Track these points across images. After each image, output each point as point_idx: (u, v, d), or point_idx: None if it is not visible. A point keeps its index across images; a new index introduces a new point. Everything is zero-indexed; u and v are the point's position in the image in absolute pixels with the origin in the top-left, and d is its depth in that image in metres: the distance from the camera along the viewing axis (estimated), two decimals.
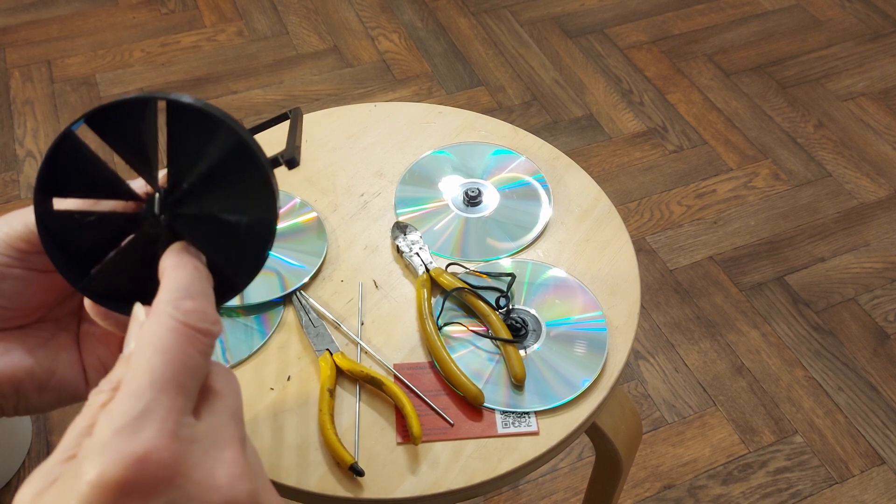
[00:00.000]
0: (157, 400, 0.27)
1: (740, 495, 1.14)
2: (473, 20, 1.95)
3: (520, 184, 0.75)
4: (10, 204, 1.51)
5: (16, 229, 0.35)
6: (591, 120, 1.70)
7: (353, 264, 0.68)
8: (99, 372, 0.39)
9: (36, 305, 0.37)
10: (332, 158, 0.77)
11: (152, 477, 0.26)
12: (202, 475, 0.27)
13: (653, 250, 1.45)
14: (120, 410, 0.27)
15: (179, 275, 0.32)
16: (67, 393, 0.38)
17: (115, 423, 0.27)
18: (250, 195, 0.34)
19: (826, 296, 1.38)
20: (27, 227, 0.35)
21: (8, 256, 0.35)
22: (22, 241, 0.35)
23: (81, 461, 0.26)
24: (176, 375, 0.28)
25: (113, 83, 1.76)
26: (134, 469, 0.26)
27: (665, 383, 1.26)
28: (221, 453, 0.28)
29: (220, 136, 0.33)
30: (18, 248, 0.35)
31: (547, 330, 0.64)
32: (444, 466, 0.56)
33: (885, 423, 1.22)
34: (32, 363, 0.37)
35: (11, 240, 0.35)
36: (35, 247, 0.35)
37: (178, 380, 0.28)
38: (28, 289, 0.36)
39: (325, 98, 1.74)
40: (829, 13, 1.98)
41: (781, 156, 1.63)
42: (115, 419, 0.27)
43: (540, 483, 1.15)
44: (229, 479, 0.28)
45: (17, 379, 0.36)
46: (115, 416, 0.27)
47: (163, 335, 0.29)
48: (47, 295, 0.38)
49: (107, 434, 0.26)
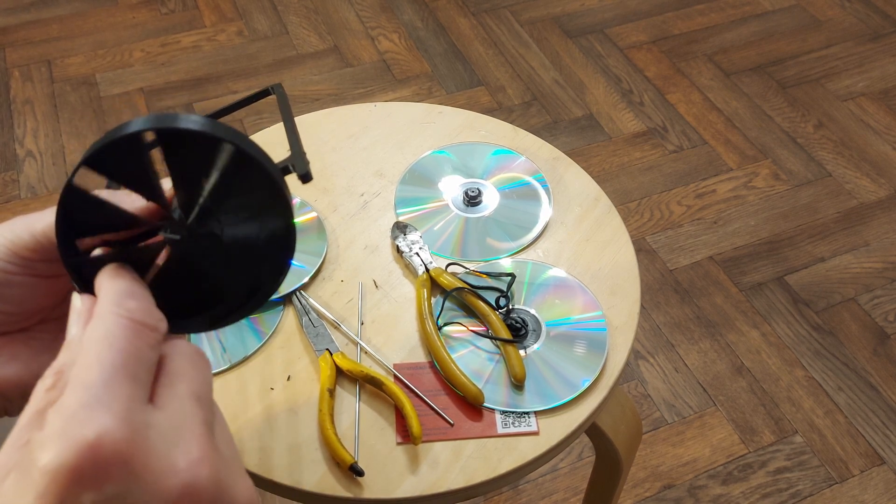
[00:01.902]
0: (107, 388, 0.27)
1: (740, 495, 1.14)
2: (473, 20, 1.95)
3: (520, 184, 0.75)
4: (10, 204, 1.51)
5: (21, 238, 0.35)
6: (591, 120, 1.70)
7: (353, 264, 0.68)
8: None
9: (39, 308, 0.38)
10: (332, 158, 0.77)
11: (105, 462, 0.26)
12: (159, 460, 0.27)
13: (653, 250, 1.45)
14: (71, 400, 0.27)
15: (118, 281, 0.32)
16: None
17: (65, 412, 0.27)
18: (264, 206, 0.34)
19: (826, 296, 1.38)
20: (33, 235, 0.35)
21: (13, 264, 0.35)
22: (27, 249, 0.35)
23: (33, 449, 0.26)
24: (125, 365, 0.28)
25: (113, 83, 1.76)
26: (86, 455, 0.26)
27: (665, 383, 1.26)
28: (181, 437, 0.28)
29: (221, 153, 0.33)
30: (24, 256, 0.35)
31: (547, 330, 0.64)
32: (444, 466, 0.56)
33: (885, 423, 1.22)
34: (39, 367, 0.37)
35: (17, 248, 0.35)
36: (40, 254, 0.35)
37: (128, 369, 0.28)
38: (33, 294, 0.37)
39: (325, 98, 1.74)
40: (829, 13, 1.98)
41: (781, 156, 1.63)
42: (66, 408, 0.27)
43: (540, 483, 1.15)
44: (188, 464, 0.28)
45: (24, 383, 0.37)
46: (66, 405, 0.27)
47: (110, 330, 0.29)
48: (50, 298, 0.38)
49: (58, 423, 0.26)
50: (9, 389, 0.36)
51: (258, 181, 0.33)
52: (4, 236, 0.35)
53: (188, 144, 0.32)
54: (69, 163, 1.59)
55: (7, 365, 0.36)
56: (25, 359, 0.37)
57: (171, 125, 0.31)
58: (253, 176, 0.33)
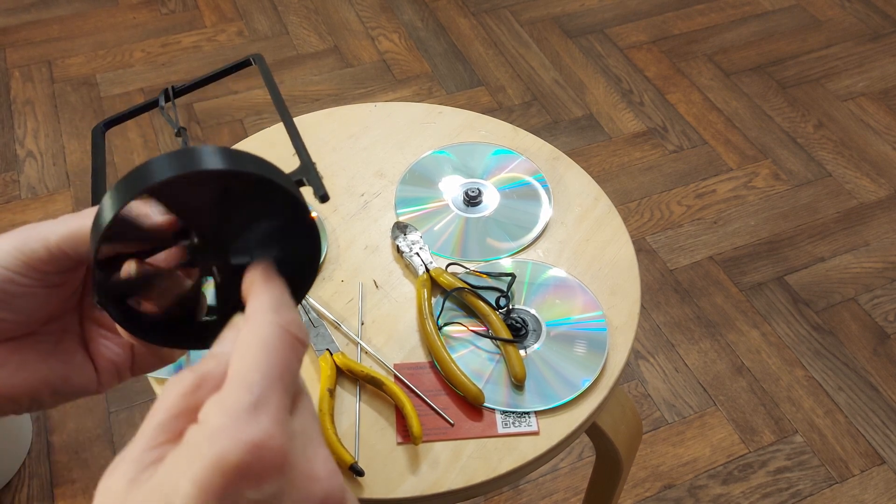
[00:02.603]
0: (267, 393, 0.29)
1: (740, 495, 1.14)
2: (473, 20, 1.95)
3: (520, 184, 0.75)
4: (10, 204, 1.51)
5: (37, 251, 0.35)
6: (591, 120, 1.70)
7: (353, 264, 0.68)
8: (110, 371, 0.40)
9: (49, 314, 0.38)
10: (332, 158, 0.77)
11: (268, 463, 0.27)
12: (305, 467, 0.29)
13: (653, 250, 1.45)
14: (233, 399, 0.28)
15: (274, 287, 0.33)
16: (80, 392, 0.39)
17: (229, 411, 0.28)
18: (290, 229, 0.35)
19: (826, 296, 1.38)
20: (48, 249, 0.35)
21: (28, 277, 0.35)
22: (43, 262, 0.35)
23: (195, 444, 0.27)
24: (282, 376, 0.30)
25: (113, 83, 1.76)
26: (252, 454, 0.27)
27: (665, 383, 1.26)
28: (316, 449, 0.30)
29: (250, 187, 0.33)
30: (39, 269, 0.35)
31: (547, 330, 0.64)
32: (444, 466, 0.56)
33: (885, 423, 1.22)
34: (47, 372, 0.38)
35: (33, 262, 0.35)
36: (55, 266, 0.36)
37: (283, 379, 0.30)
38: (45, 303, 0.37)
39: (326, 98, 1.74)
40: (829, 13, 1.98)
41: (781, 156, 1.63)
42: (230, 407, 0.28)
43: (540, 483, 1.15)
44: (327, 473, 0.29)
45: (34, 389, 0.37)
46: (229, 404, 0.28)
47: (268, 338, 0.30)
48: (60, 303, 0.38)
49: (223, 420, 0.28)
50: (19, 395, 0.37)
51: (284, 206, 0.34)
52: (20, 250, 0.35)
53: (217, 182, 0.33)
54: (69, 163, 1.59)
55: (18, 372, 0.37)
56: (34, 363, 0.37)
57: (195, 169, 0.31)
58: (279, 201, 0.34)
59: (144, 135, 1.65)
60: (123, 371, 0.40)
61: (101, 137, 0.45)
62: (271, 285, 0.33)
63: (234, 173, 0.32)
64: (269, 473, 0.27)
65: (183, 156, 0.31)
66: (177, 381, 0.30)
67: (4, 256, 0.35)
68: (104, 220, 0.32)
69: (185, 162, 0.31)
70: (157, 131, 1.66)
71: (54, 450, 1.17)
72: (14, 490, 1.13)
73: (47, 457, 1.16)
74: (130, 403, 1.22)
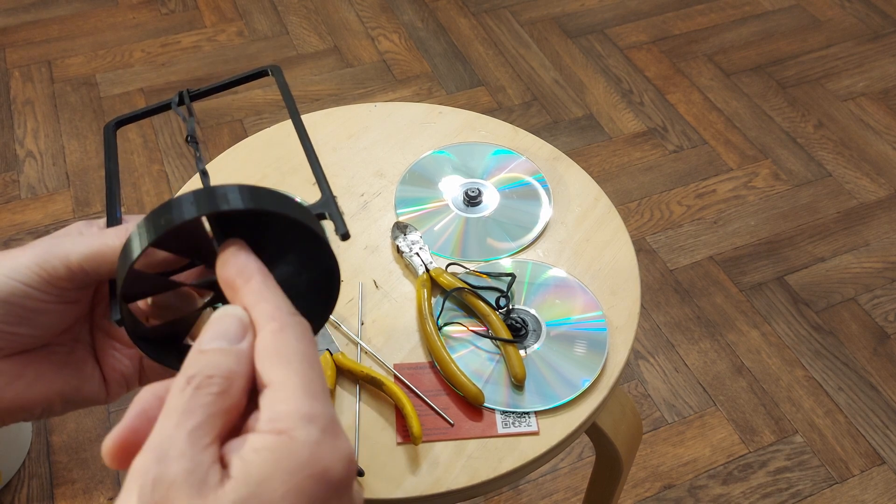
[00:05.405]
0: (321, 396, 0.29)
1: (740, 495, 1.14)
2: (473, 20, 1.95)
3: (520, 184, 0.75)
4: (10, 204, 1.51)
5: (57, 269, 0.35)
6: (591, 120, 1.70)
7: (353, 264, 0.68)
8: (119, 381, 0.40)
9: (64, 328, 0.38)
10: (332, 158, 0.77)
11: (353, 471, 0.29)
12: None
13: (653, 250, 1.45)
14: (309, 409, 0.28)
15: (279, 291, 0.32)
16: (89, 402, 0.39)
17: (319, 424, 0.28)
18: (309, 259, 0.35)
19: (826, 296, 1.38)
20: (68, 267, 0.35)
21: (47, 293, 0.36)
22: (62, 279, 0.35)
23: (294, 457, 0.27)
24: (321, 375, 0.30)
25: (113, 83, 1.76)
26: (351, 466, 0.28)
27: (665, 383, 1.26)
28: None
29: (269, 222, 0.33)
30: (59, 287, 0.36)
31: (547, 330, 0.64)
32: (444, 466, 0.56)
33: (885, 423, 1.22)
34: (61, 382, 0.38)
35: (53, 279, 0.35)
36: (74, 283, 0.36)
37: (323, 379, 0.30)
38: (62, 318, 0.37)
39: (326, 98, 1.74)
40: (829, 13, 1.98)
41: (781, 156, 1.63)
42: (315, 417, 0.28)
43: (540, 483, 1.15)
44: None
45: (48, 399, 0.37)
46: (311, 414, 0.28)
47: (301, 347, 0.30)
48: (75, 318, 0.39)
49: (315, 433, 0.28)
50: (34, 405, 0.37)
51: (305, 241, 0.34)
52: (40, 266, 0.35)
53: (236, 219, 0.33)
54: (69, 163, 1.59)
55: (34, 384, 0.37)
56: (49, 375, 0.38)
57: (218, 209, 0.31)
58: (299, 234, 0.34)
59: (144, 135, 1.65)
60: (132, 381, 0.40)
61: (112, 137, 0.45)
62: (276, 290, 0.32)
63: (256, 212, 0.32)
64: (350, 483, 0.28)
65: (207, 196, 0.32)
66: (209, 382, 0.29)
67: (25, 272, 0.35)
68: (132, 254, 0.32)
69: (210, 202, 0.32)
70: (157, 132, 1.66)
71: (54, 450, 1.17)
72: (14, 490, 1.13)
73: (47, 457, 1.16)
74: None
